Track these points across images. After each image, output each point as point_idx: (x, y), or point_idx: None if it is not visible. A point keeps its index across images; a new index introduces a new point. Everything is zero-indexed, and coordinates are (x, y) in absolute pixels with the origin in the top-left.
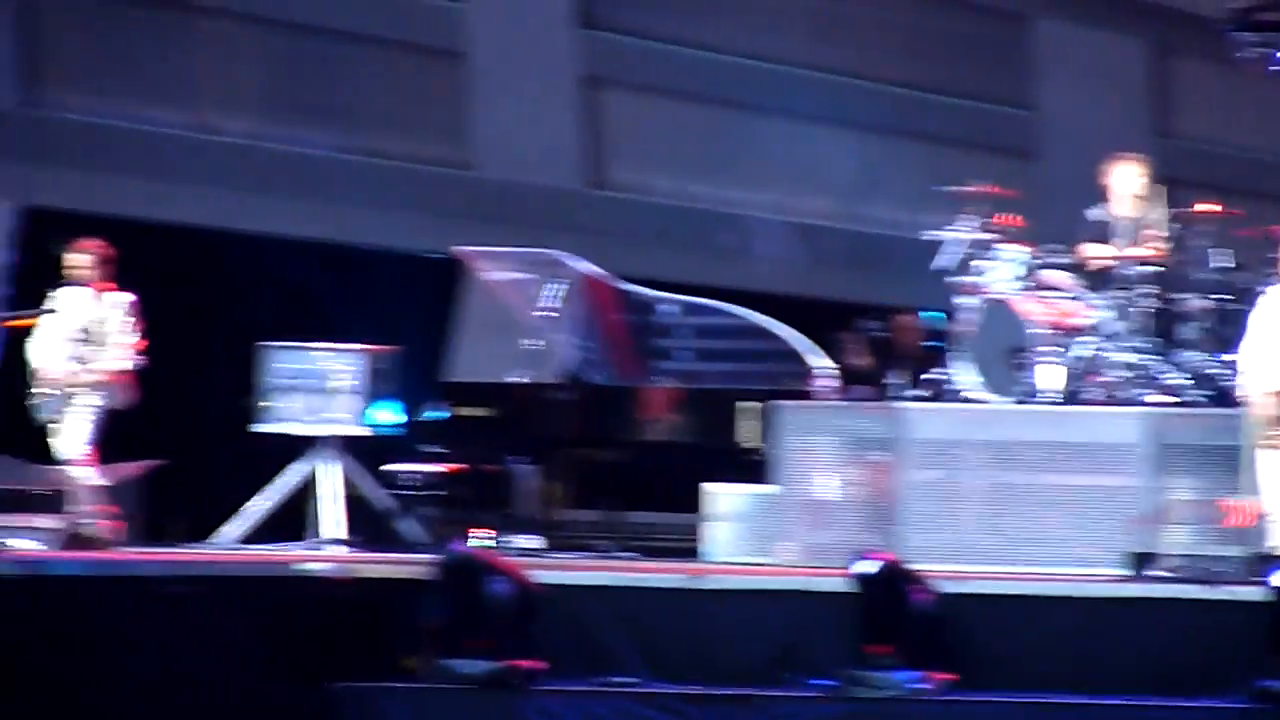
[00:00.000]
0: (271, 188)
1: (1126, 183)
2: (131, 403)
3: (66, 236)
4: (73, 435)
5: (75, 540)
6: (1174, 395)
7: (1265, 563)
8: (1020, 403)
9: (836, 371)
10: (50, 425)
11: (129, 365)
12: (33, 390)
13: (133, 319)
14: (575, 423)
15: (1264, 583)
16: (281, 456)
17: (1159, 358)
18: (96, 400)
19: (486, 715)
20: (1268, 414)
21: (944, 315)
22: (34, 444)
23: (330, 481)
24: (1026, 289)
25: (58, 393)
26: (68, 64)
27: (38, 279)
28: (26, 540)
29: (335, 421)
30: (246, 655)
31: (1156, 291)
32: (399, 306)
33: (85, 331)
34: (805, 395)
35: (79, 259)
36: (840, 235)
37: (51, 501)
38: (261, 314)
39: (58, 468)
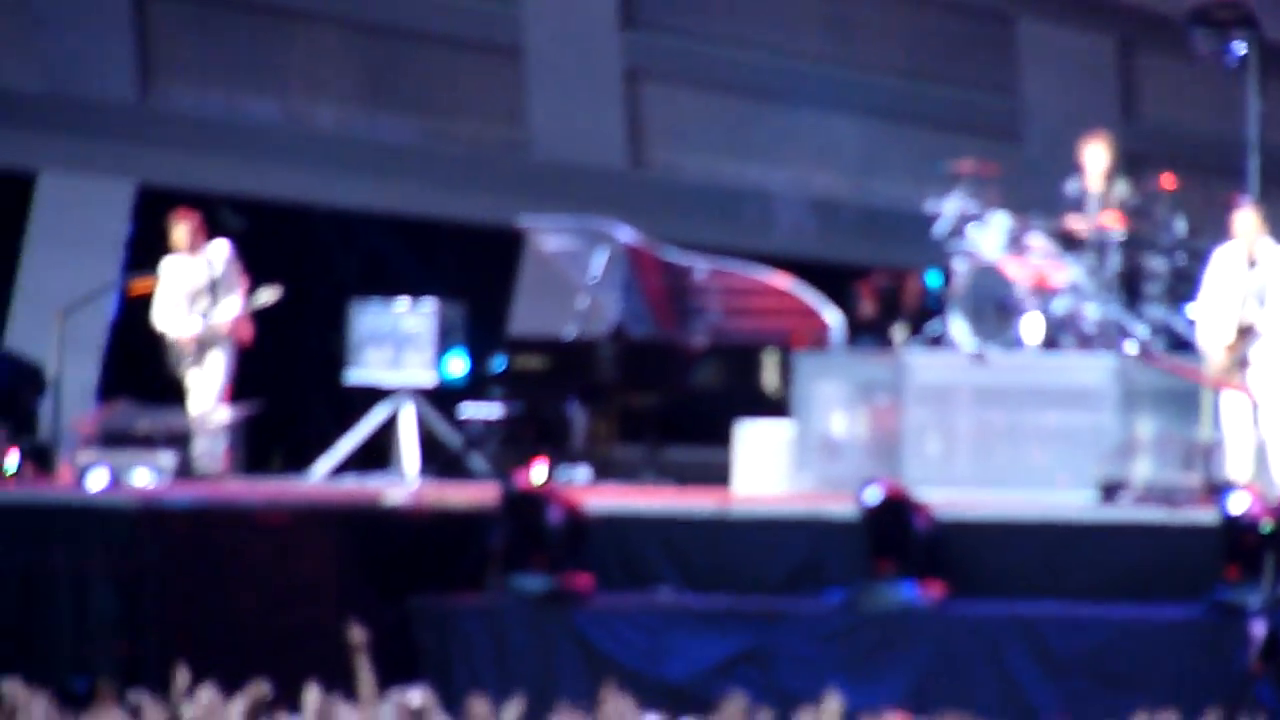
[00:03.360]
0: (354, 168)
1: (1096, 159)
2: (251, 341)
3: (173, 212)
4: (209, 382)
5: (188, 475)
6: (1139, 344)
7: (1217, 490)
8: (1006, 351)
9: (847, 324)
10: (185, 378)
11: (244, 307)
12: (166, 352)
13: (237, 264)
14: (620, 372)
15: (1218, 507)
16: (367, 402)
17: (1126, 312)
18: (225, 347)
19: (545, 625)
20: (1222, 360)
21: (940, 276)
22: (149, 390)
23: (408, 423)
24: (1010, 253)
25: (190, 350)
26: (177, 61)
27: (151, 250)
28: (145, 473)
29: (413, 370)
30: (337, 576)
31: (1123, 254)
32: (466, 272)
33: (200, 289)
34: (820, 345)
35: (181, 227)
36: (850, 207)
37: (169, 440)
38: (348, 279)
39: (174, 409)
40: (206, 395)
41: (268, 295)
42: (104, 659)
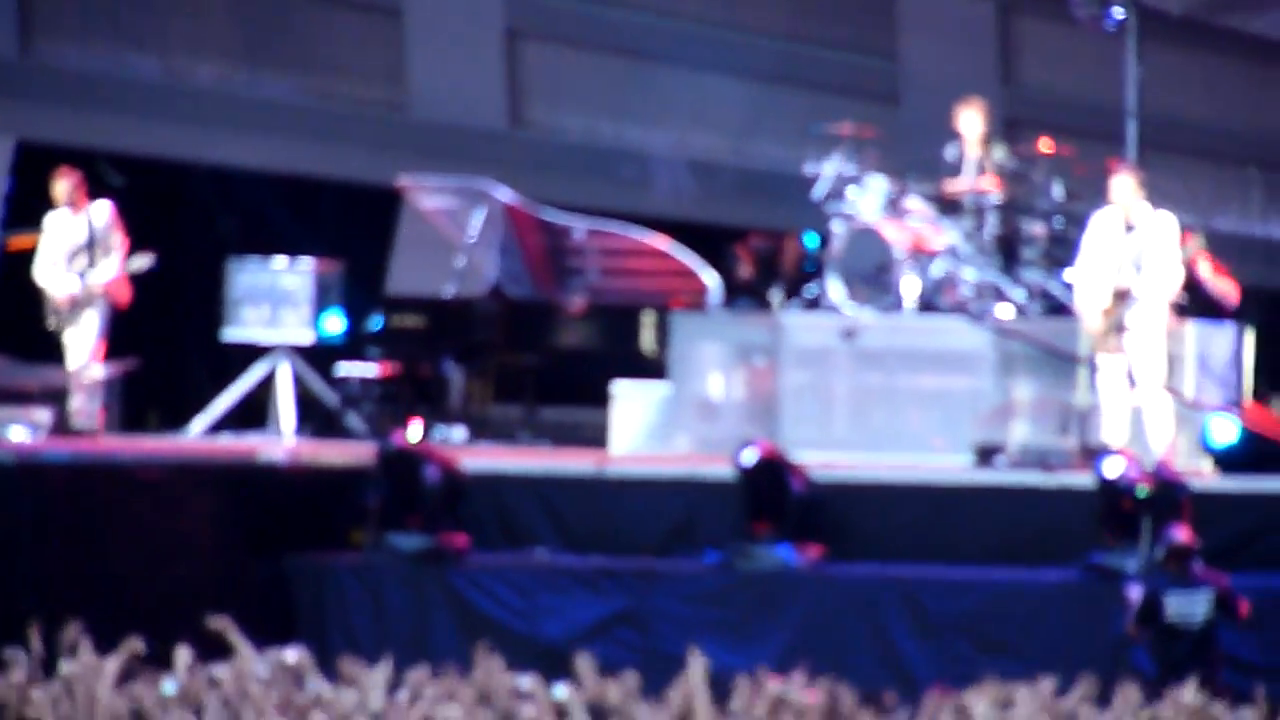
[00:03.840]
0: (234, 125)
1: (970, 125)
2: (127, 303)
3: (54, 168)
4: (84, 340)
5: (64, 431)
6: (1016, 308)
7: (1094, 454)
8: (883, 314)
9: (725, 286)
10: (63, 335)
11: (121, 269)
12: (44, 307)
13: (118, 225)
14: (498, 331)
15: (1091, 471)
16: (243, 359)
17: (1003, 276)
18: (100, 306)
19: (421, 584)
20: (1099, 324)
21: (819, 238)
22: (27, 346)
23: (285, 381)
24: (888, 216)
25: (67, 306)
26: (57, 16)
27: (30, 207)
28: (21, 429)
29: (290, 328)
30: (213, 533)
31: (1001, 218)
32: (345, 231)
33: (79, 247)
34: (698, 307)
35: (63, 184)
36: (729, 169)
37: (44, 396)
38: (226, 237)
39: (50, 366)
40: (81, 353)
41: (141, 261)
42: None
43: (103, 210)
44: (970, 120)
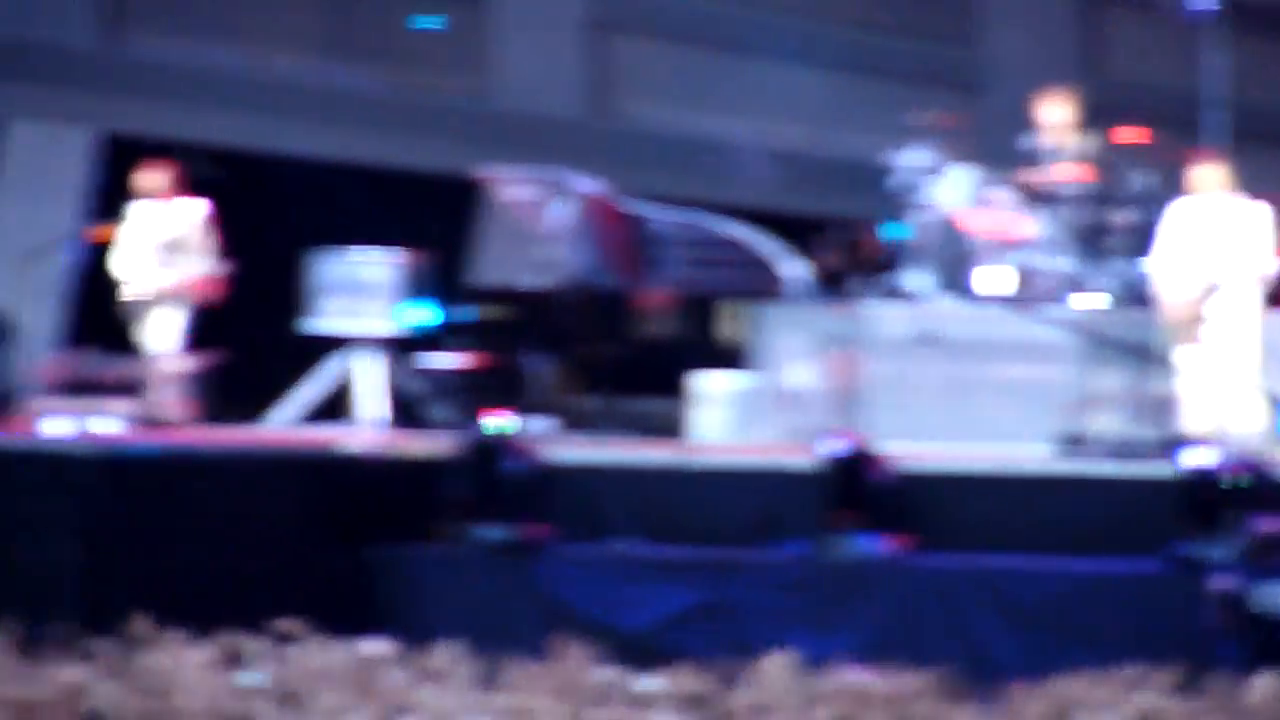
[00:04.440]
0: (316, 116)
1: (1054, 113)
2: (216, 303)
3: (141, 160)
4: (161, 335)
5: (148, 423)
6: (1099, 298)
7: (1176, 444)
8: (966, 304)
9: (808, 275)
10: (136, 324)
11: (213, 270)
12: (121, 298)
13: (213, 224)
14: (582, 322)
15: (1174, 461)
16: (327, 351)
17: (1087, 265)
18: (182, 303)
19: (504, 575)
20: (1180, 314)
21: (902, 228)
22: (113, 340)
23: (368, 372)
24: (972, 206)
25: (146, 299)
26: (141, 8)
27: (115, 198)
28: (105, 421)
29: (372, 319)
30: (297, 525)
31: (1085, 208)
32: (428, 221)
33: (170, 241)
34: (779, 297)
35: (154, 176)
36: (811, 159)
37: (129, 388)
38: (308, 227)
39: (135, 357)
40: (166, 345)
41: (221, 269)
42: (66, 607)
43: (199, 207)
44: (1055, 110)
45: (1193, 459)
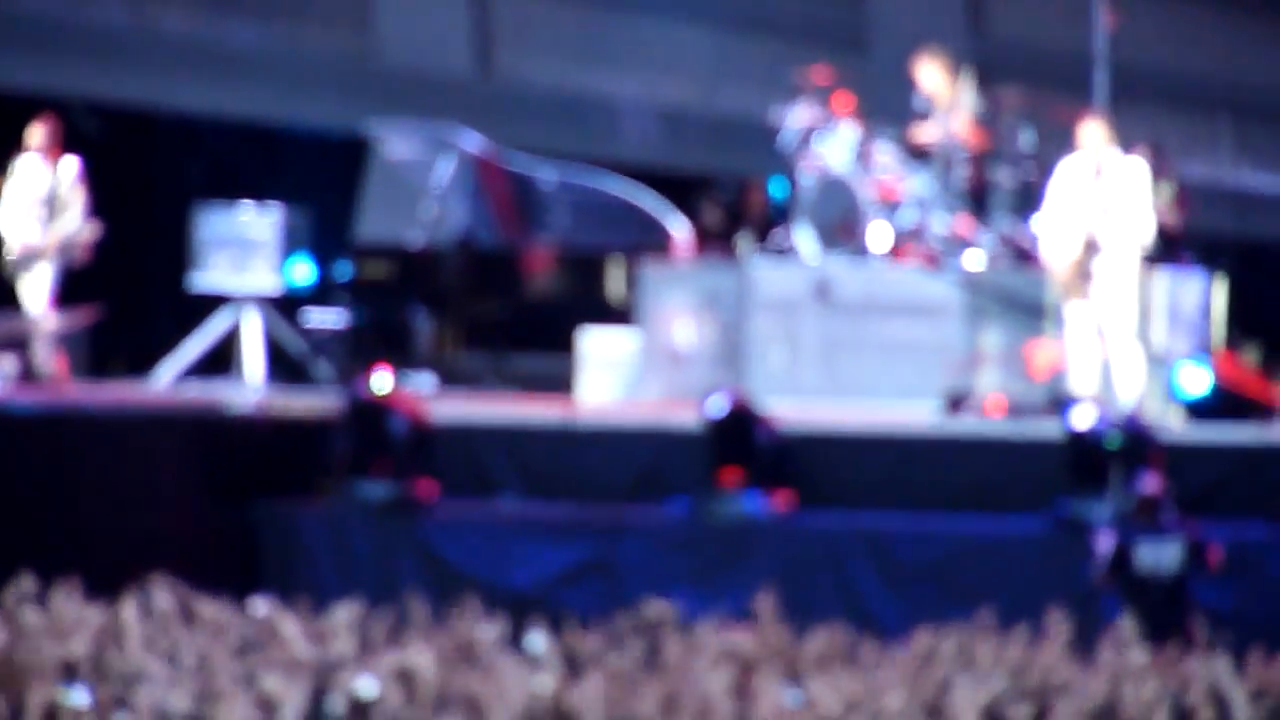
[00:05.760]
0: (203, 72)
1: (931, 77)
2: (86, 260)
3: (24, 116)
4: (37, 289)
5: (30, 380)
6: (984, 256)
7: (1063, 403)
8: (850, 263)
9: (693, 234)
10: (18, 281)
11: (83, 228)
12: (5, 254)
13: (82, 182)
14: (466, 279)
15: (1062, 421)
16: (211, 308)
17: (974, 223)
18: (58, 258)
19: (388, 532)
20: (1067, 273)
21: (787, 186)
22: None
23: (252, 330)
24: (857, 164)
25: (25, 253)
26: None
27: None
28: None
29: (257, 276)
30: (180, 481)
31: (970, 167)
32: (312, 178)
33: (44, 198)
34: (665, 255)
35: (35, 133)
36: (697, 117)
37: (11, 345)
38: (194, 183)
39: (16, 314)
40: (37, 303)
41: (89, 231)
42: None
43: (71, 166)
44: (929, 73)
45: (1079, 419)
